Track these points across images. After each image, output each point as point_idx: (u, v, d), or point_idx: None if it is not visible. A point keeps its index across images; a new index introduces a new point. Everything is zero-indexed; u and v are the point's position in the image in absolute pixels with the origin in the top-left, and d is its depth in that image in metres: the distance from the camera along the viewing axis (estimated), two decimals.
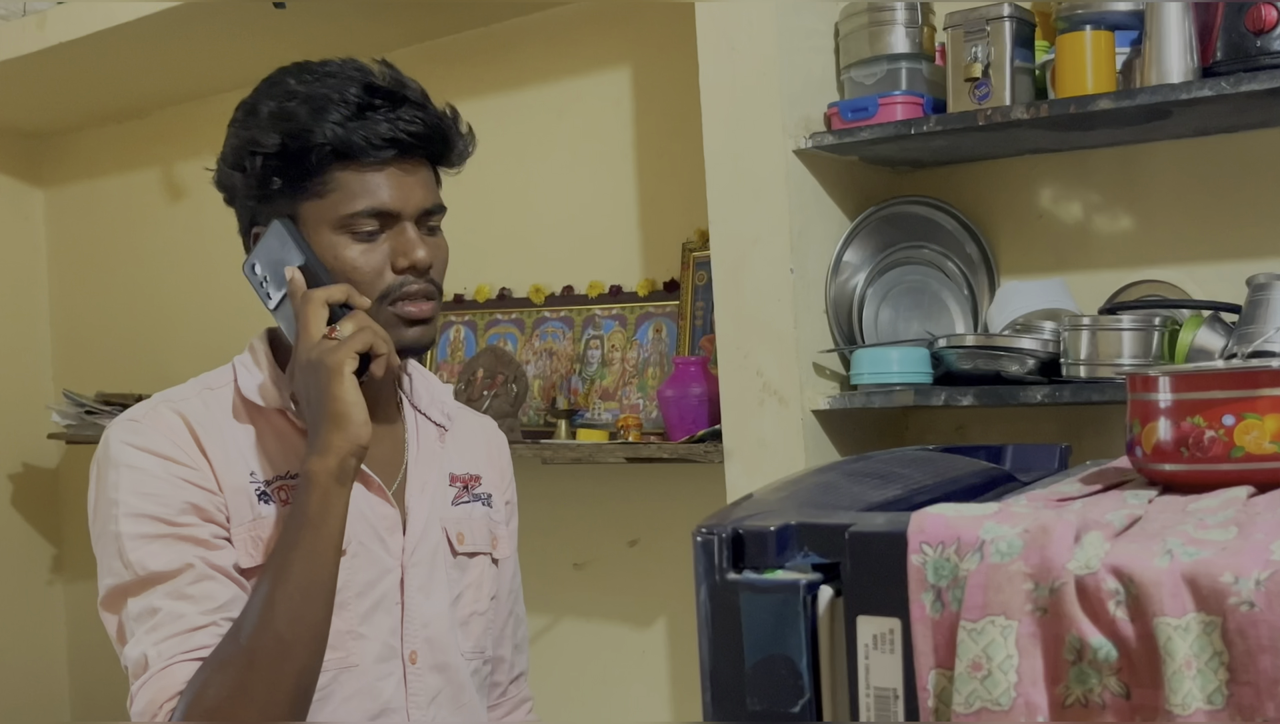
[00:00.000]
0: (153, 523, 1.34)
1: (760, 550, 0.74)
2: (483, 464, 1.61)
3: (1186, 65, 1.87)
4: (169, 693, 1.27)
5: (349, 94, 1.37)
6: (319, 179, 1.37)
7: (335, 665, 1.38)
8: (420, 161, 1.43)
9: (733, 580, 0.73)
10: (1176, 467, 0.92)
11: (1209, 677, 0.67)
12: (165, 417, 1.39)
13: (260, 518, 1.38)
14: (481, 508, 1.57)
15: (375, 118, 1.37)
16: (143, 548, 1.33)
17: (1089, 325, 1.93)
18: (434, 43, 3.05)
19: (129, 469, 1.35)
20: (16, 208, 4.00)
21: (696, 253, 2.63)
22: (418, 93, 1.43)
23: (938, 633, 0.73)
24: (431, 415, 1.56)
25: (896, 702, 0.74)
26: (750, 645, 0.72)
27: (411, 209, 1.41)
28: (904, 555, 0.74)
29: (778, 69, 2.13)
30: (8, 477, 3.93)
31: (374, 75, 1.40)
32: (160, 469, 1.35)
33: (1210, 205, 2.13)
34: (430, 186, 1.44)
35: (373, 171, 1.38)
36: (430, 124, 1.41)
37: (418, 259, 1.40)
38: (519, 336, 2.90)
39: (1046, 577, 0.71)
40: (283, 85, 1.40)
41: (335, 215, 1.38)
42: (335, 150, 1.36)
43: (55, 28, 3.01)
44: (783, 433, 2.15)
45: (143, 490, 1.34)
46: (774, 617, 0.73)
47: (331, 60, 1.43)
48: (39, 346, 4.03)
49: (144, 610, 1.32)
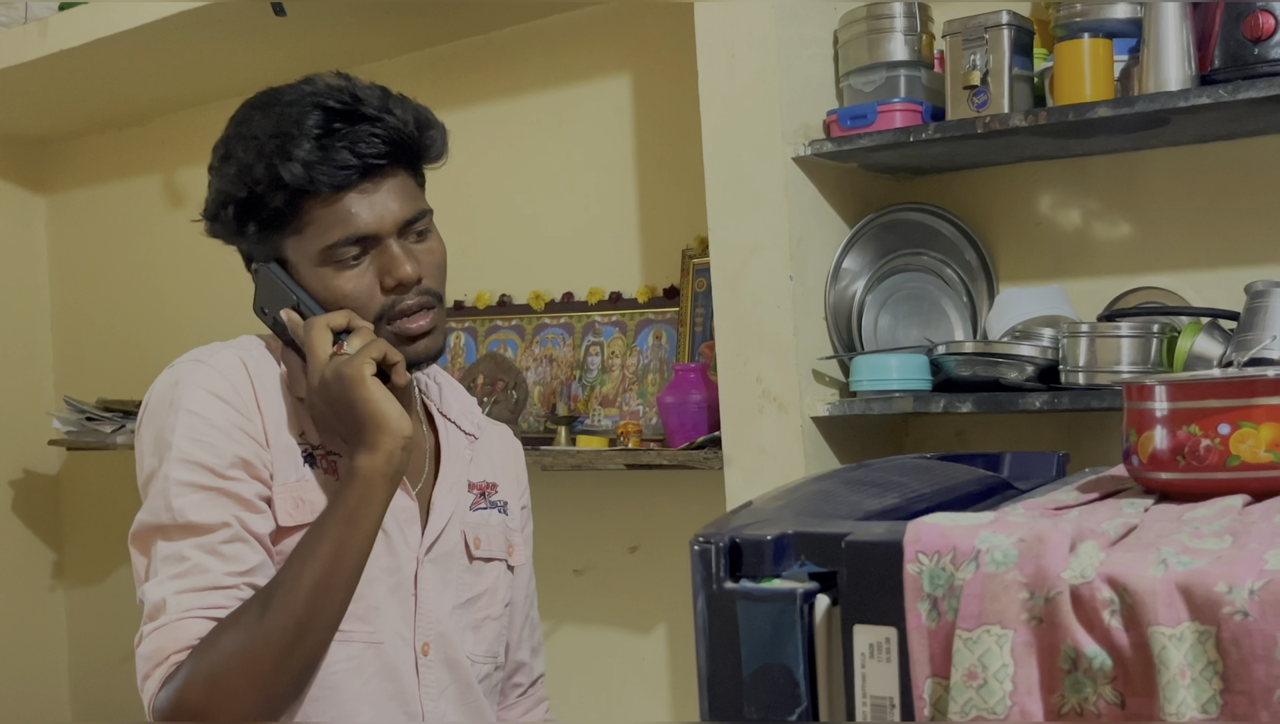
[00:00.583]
0: (202, 472, 1.35)
1: (757, 559, 0.75)
2: (500, 472, 1.63)
3: (1184, 73, 1.88)
4: (179, 644, 1.29)
5: (306, 126, 1.37)
6: (293, 217, 1.38)
7: (363, 638, 1.40)
8: (390, 173, 1.42)
9: (730, 589, 0.73)
10: (1172, 475, 0.92)
11: (1203, 686, 0.68)
12: (231, 362, 1.41)
13: (304, 480, 1.40)
14: (498, 515, 1.59)
15: (334, 146, 1.36)
16: (187, 496, 1.34)
17: (1088, 332, 1.94)
18: (433, 50, 3.06)
19: (188, 413, 1.36)
20: (18, 214, 4.00)
21: (696, 260, 2.63)
22: (376, 104, 1.41)
23: (934, 642, 0.73)
24: (462, 425, 1.59)
25: (893, 710, 0.74)
26: (748, 654, 0.73)
27: (389, 226, 1.41)
28: (900, 564, 0.74)
29: (777, 76, 2.14)
30: (9, 483, 3.93)
31: (329, 97, 1.39)
32: (220, 417, 1.37)
33: (1209, 213, 2.13)
34: (407, 195, 1.43)
35: (342, 199, 1.38)
36: (390, 137, 1.40)
37: (403, 276, 1.40)
38: (519, 343, 2.90)
39: (1042, 586, 0.71)
40: (248, 124, 1.42)
41: (316, 249, 1.39)
42: (301, 188, 1.37)
43: (56, 34, 3.02)
44: (782, 440, 2.15)
45: (198, 437, 1.36)
46: (771, 625, 0.74)
47: (291, 87, 1.43)
48: (40, 353, 4.03)
49: (173, 555, 1.33)
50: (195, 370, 1.39)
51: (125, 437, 3.30)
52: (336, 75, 1.44)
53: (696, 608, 0.74)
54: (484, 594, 1.55)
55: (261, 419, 1.39)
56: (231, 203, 1.40)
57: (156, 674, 1.29)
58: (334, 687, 1.38)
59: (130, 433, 3.29)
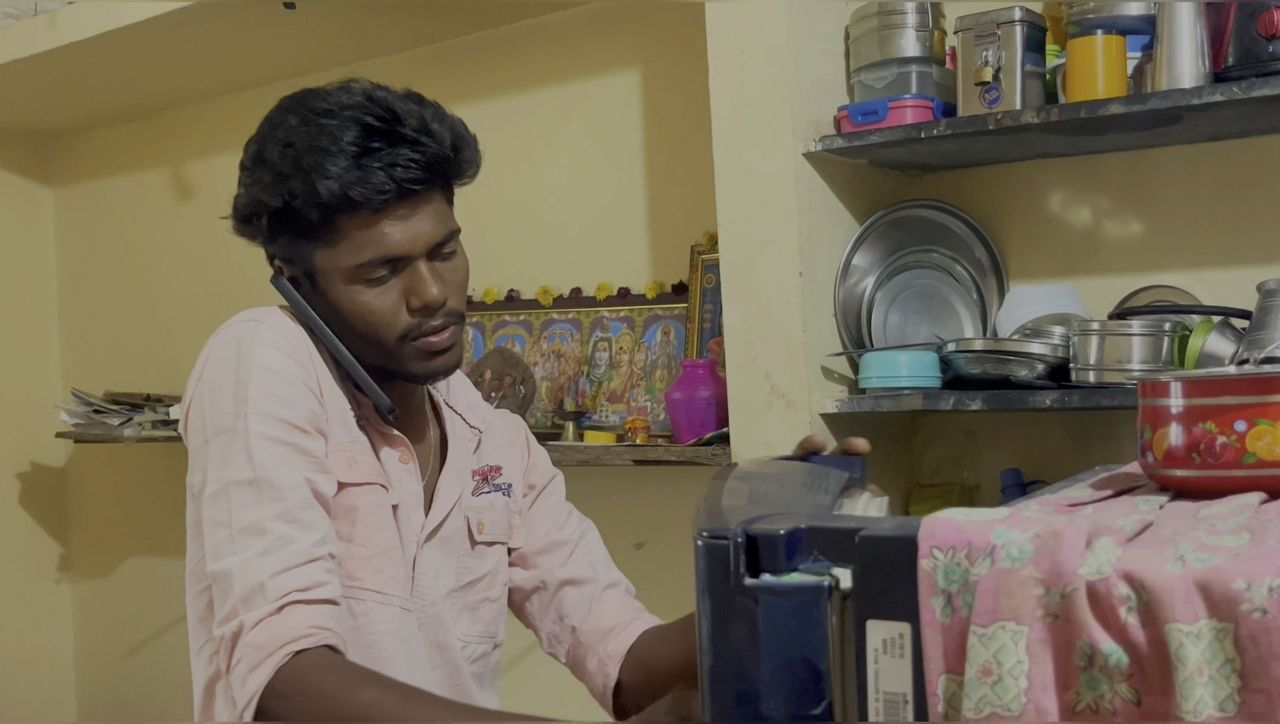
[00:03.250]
0: (281, 426, 1.36)
1: (772, 554, 0.74)
2: (504, 453, 1.65)
3: (1198, 70, 1.87)
4: (293, 633, 1.28)
5: (344, 142, 1.36)
6: (326, 231, 1.39)
7: (379, 590, 1.43)
8: (425, 196, 1.42)
9: (751, 585, 0.73)
10: (1188, 472, 0.91)
11: (1221, 684, 0.67)
12: (287, 323, 1.43)
13: (356, 441, 1.43)
14: (501, 498, 1.61)
15: (372, 166, 1.36)
16: (269, 449, 1.35)
17: (1098, 330, 1.93)
18: (443, 44, 3.05)
19: (260, 369, 1.37)
20: (26, 207, 4.00)
21: (705, 255, 2.62)
22: (415, 123, 1.40)
23: (948, 638, 0.72)
24: (469, 418, 1.61)
25: (906, 706, 0.73)
26: (767, 650, 0.72)
27: (420, 248, 1.41)
28: (914, 560, 0.73)
29: (787, 72, 2.13)
30: (15, 475, 3.93)
31: (371, 113, 1.39)
32: (291, 372, 1.39)
33: (1221, 211, 2.12)
34: (440, 217, 1.44)
35: (377, 218, 1.38)
36: (430, 161, 1.39)
37: (430, 299, 1.41)
38: (527, 338, 2.90)
39: (1058, 582, 0.71)
40: (284, 127, 1.41)
41: (346, 265, 1.40)
42: (337, 205, 1.37)
43: (66, 27, 3.02)
44: (790, 436, 2.14)
45: (273, 391, 1.37)
46: (795, 620, 0.73)
47: (331, 92, 1.42)
48: (47, 346, 4.04)
49: (253, 526, 1.33)
50: (258, 330, 1.40)
51: (133, 429, 3.30)
52: (374, 86, 1.44)
53: (705, 604, 0.72)
54: (484, 577, 1.57)
55: (317, 378, 1.42)
56: (265, 213, 1.41)
57: (268, 663, 1.27)
58: (371, 646, 1.41)
59: (138, 426, 3.29)
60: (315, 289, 1.44)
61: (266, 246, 1.47)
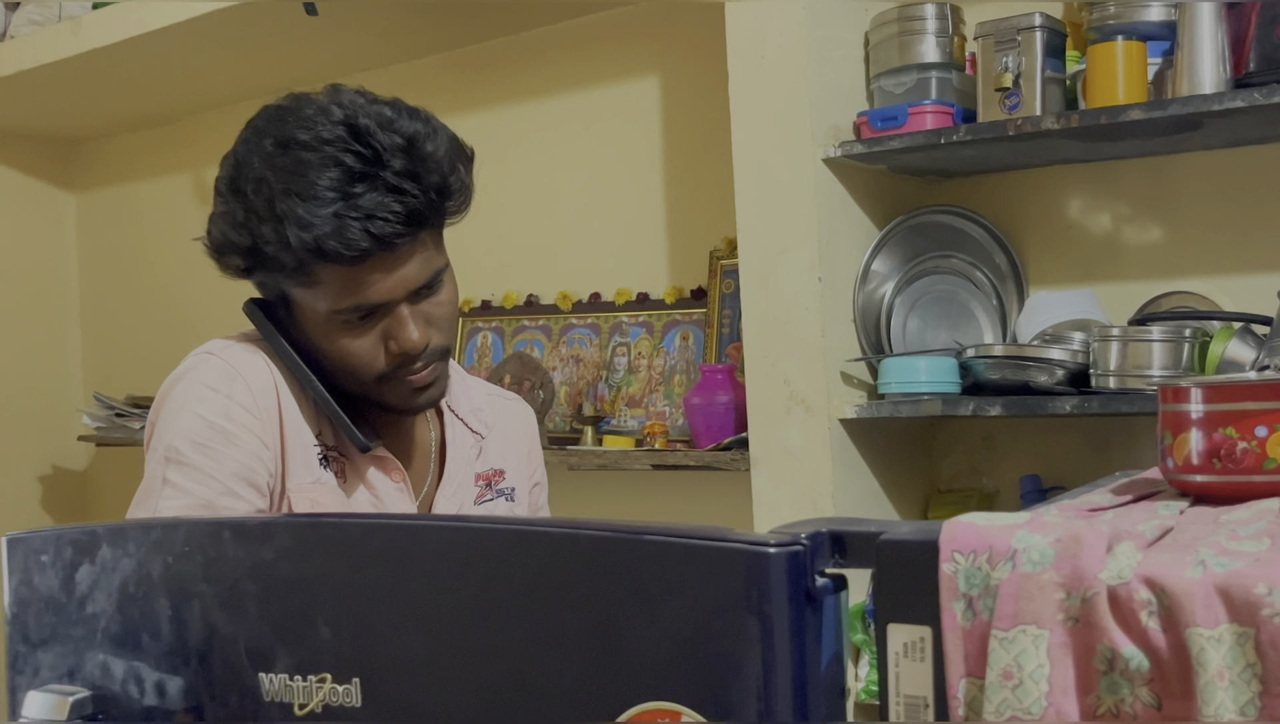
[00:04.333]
0: (196, 485, 1.32)
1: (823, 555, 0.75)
2: (509, 453, 1.57)
3: (1219, 76, 1.87)
4: None
5: (321, 187, 1.26)
6: (301, 274, 1.30)
7: None
8: (408, 244, 1.31)
9: (821, 584, 0.74)
10: (1208, 478, 0.91)
11: (1241, 689, 0.67)
12: (249, 354, 1.37)
13: (320, 482, 1.37)
14: (505, 503, 1.55)
15: (349, 218, 1.25)
16: (173, 501, 1.32)
17: (1118, 336, 1.93)
18: (463, 50, 3.06)
19: (194, 416, 1.33)
20: (48, 212, 4.03)
21: (724, 261, 2.63)
22: (400, 166, 1.28)
23: (969, 642, 0.73)
24: (472, 424, 1.54)
25: (927, 710, 0.74)
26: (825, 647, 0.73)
27: (401, 293, 1.33)
28: (935, 564, 0.74)
29: (807, 78, 2.13)
30: (38, 478, 3.96)
31: (351, 150, 1.27)
32: (233, 418, 1.33)
33: (1241, 217, 2.12)
34: (424, 260, 1.33)
35: (355, 270, 1.29)
36: (411, 213, 1.28)
37: (410, 346, 1.33)
38: (546, 343, 2.91)
39: (1079, 586, 0.71)
40: (260, 153, 1.31)
41: (323, 308, 1.32)
42: (310, 257, 1.28)
43: (89, 33, 3.04)
44: (809, 442, 2.15)
45: (201, 440, 1.32)
46: (838, 616, 0.74)
47: (312, 117, 1.31)
48: (69, 350, 4.06)
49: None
50: (206, 366, 1.36)
51: None
52: (362, 101, 1.33)
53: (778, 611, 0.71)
54: None
55: (280, 416, 1.35)
56: (235, 253, 1.34)
57: None
58: None
59: None
60: (292, 318, 1.38)
61: (241, 278, 1.39)
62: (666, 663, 0.72)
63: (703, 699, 0.71)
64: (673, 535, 0.73)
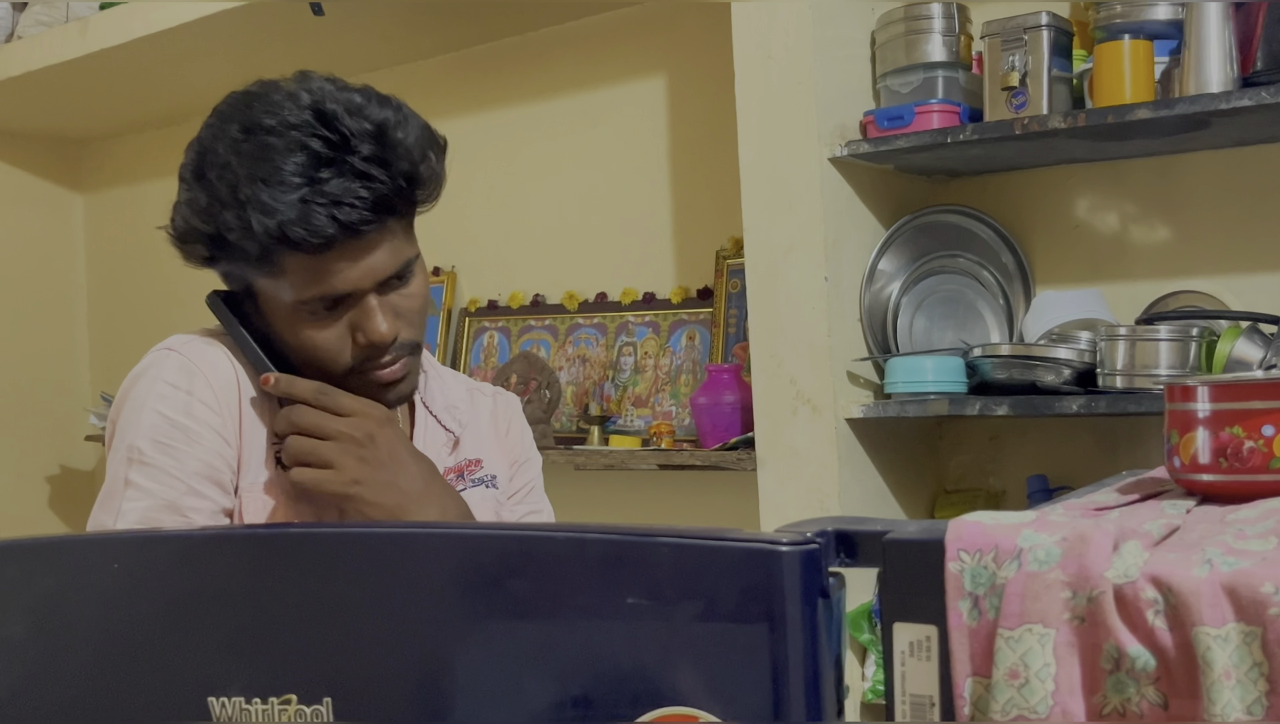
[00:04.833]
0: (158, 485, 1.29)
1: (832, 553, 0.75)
2: (484, 444, 1.52)
3: (1226, 75, 1.86)
4: None
5: (286, 173, 1.22)
6: (265, 262, 1.27)
7: None
8: (376, 231, 1.26)
9: (832, 582, 0.74)
10: (1215, 477, 0.91)
11: (1248, 687, 0.67)
12: (209, 348, 1.35)
13: (269, 479, 1.33)
14: (483, 490, 1.49)
15: (315, 203, 1.22)
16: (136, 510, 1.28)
17: (1126, 336, 1.92)
18: (469, 51, 3.07)
19: (155, 413, 1.29)
20: (56, 213, 4.04)
21: (730, 260, 2.63)
22: (368, 151, 1.25)
23: (975, 641, 0.73)
24: (445, 422, 1.49)
25: (933, 709, 0.74)
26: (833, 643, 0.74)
27: (369, 283, 1.29)
28: (941, 563, 0.73)
29: (813, 77, 2.13)
30: (45, 478, 3.97)
31: (318, 135, 1.24)
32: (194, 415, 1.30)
33: (1248, 216, 2.11)
34: (392, 249, 1.30)
35: (320, 258, 1.25)
36: (378, 199, 1.25)
37: (378, 338, 1.29)
38: (552, 343, 2.91)
39: (1085, 585, 0.71)
40: (225, 139, 1.29)
41: (287, 299, 1.29)
42: (274, 244, 1.24)
43: (97, 34, 3.05)
44: (816, 441, 2.15)
45: (162, 438, 1.29)
46: (841, 615, 0.74)
47: (279, 102, 1.28)
48: (77, 350, 4.07)
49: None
50: (166, 362, 1.33)
51: None
52: (331, 87, 1.29)
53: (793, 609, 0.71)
54: None
55: (240, 413, 1.32)
56: (199, 240, 1.31)
57: None
58: None
59: None
60: (257, 310, 1.35)
61: (205, 267, 1.37)
62: (681, 665, 0.72)
63: (717, 700, 0.71)
64: (685, 537, 0.72)
